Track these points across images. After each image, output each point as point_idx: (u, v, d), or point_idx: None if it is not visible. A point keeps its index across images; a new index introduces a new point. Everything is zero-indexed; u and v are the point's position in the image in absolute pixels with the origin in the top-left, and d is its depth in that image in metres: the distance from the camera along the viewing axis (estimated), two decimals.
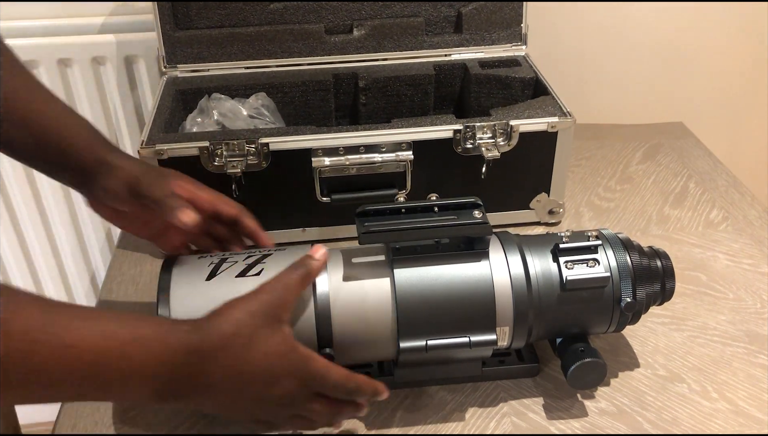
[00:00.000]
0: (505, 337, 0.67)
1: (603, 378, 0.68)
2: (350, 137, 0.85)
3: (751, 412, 0.69)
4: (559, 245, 0.66)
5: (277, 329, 0.55)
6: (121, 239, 0.96)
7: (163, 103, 0.93)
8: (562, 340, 0.69)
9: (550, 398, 0.71)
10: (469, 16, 1.03)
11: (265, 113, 0.96)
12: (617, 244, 0.68)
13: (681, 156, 1.12)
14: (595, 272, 0.65)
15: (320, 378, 0.57)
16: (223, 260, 0.65)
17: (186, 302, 0.62)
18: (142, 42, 1.13)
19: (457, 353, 0.65)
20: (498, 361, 0.73)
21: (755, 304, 0.82)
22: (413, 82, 1.01)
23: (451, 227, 0.64)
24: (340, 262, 0.65)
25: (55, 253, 1.30)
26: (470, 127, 0.86)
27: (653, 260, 0.70)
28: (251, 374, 0.54)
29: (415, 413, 0.70)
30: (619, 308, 0.67)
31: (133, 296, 0.86)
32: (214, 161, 0.84)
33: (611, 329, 0.70)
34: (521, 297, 0.65)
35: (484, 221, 0.64)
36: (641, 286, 0.68)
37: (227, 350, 0.53)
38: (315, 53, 1.03)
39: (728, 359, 0.75)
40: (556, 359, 0.70)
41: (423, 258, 0.65)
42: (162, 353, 0.50)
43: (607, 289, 0.66)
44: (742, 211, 0.99)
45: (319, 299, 0.63)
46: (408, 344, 0.63)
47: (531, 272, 0.66)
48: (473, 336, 0.64)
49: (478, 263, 0.65)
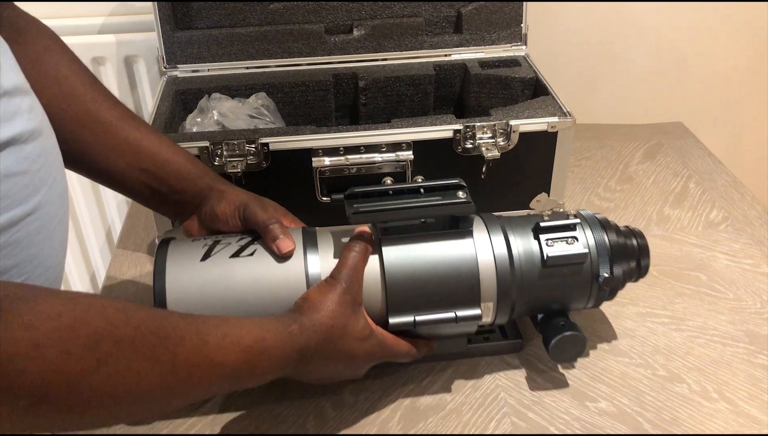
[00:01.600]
0: (490, 312, 0.69)
1: (583, 351, 0.70)
2: (350, 137, 0.85)
3: (751, 412, 0.69)
4: (539, 223, 0.69)
5: (360, 313, 0.64)
6: (121, 239, 0.96)
7: (163, 103, 0.93)
8: (543, 316, 0.72)
9: (550, 397, 0.71)
10: (469, 16, 1.04)
11: (265, 113, 0.96)
12: (595, 223, 0.72)
13: (681, 156, 1.12)
14: (574, 249, 0.68)
15: (392, 353, 0.67)
16: (217, 242, 0.67)
17: (181, 281, 0.64)
18: (142, 42, 1.13)
19: (444, 329, 0.68)
20: (483, 338, 0.76)
21: (755, 304, 0.82)
22: (413, 82, 1.01)
23: (436, 206, 0.67)
24: (331, 241, 0.68)
25: None
26: (470, 127, 0.86)
27: (629, 238, 0.73)
28: (342, 355, 0.62)
29: (415, 413, 0.70)
30: (597, 284, 0.70)
31: (133, 296, 0.86)
32: (214, 161, 0.84)
33: (590, 305, 0.72)
34: (504, 273, 0.68)
35: (468, 201, 0.67)
36: (618, 263, 0.71)
37: (327, 341, 0.61)
38: (315, 53, 1.03)
39: (728, 359, 0.75)
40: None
41: (410, 237, 0.67)
42: (281, 358, 0.58)
43: (586, 265, 0.69)
44: (742, 211, 0.99)
45: (310, 276, 0.65)
46: (397, 319, 0.66)
47: (513, 249, 0.68)
48: (459, 311, 0.67)
49: (463, 241, 0.67)
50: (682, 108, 1.30)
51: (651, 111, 1.29)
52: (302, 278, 0.65)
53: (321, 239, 0.68)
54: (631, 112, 1.28)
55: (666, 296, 0.84)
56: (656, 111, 1.29)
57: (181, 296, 0.64)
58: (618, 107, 1.29)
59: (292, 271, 0.65)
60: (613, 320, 0.80)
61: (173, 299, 0.63)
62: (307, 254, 0.66)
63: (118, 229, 1.27)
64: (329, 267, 0.65)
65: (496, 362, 0.75)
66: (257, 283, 0.64)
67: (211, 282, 0.64)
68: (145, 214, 1.01)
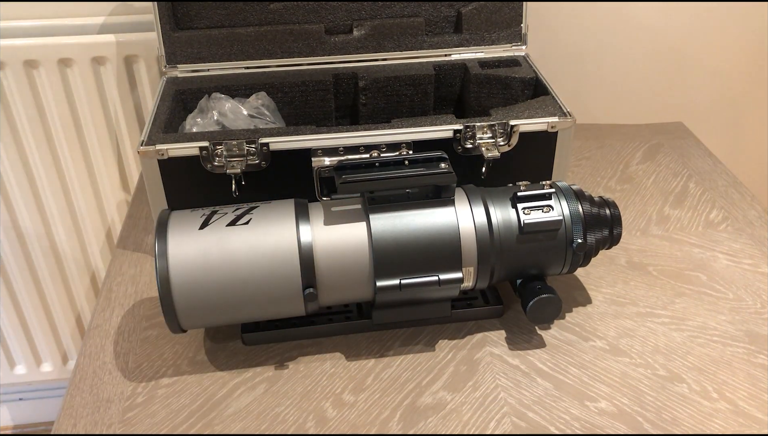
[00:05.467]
0: (471, 277, 0.74)
1: (559, 312, 0.75)
2: (350, 137, 0.85)
3: (751, 412, 0.69)
4: (517, 193, 0.74)
5: None
6: (121, 239, 0.96)
7: (163, 103, 0.93)
8: (521, 281, 0.76)
9: (550, 397, 0.71)
10: (469, 16, 1.03)
11: (266, 113, 0.96)
12: (570, 193, 0.76)
13: (681, 156, 1.12)
14: (549, 217, 0.73)
15: None
16: (214, 212, 0.72)
17: (182, 248, 0.69)
18: (142, 42, 1.13)
19: (428, 292, 0.73)
20: (466, 304, 0.81)
21: (755, 304, 0.82)
22: (413, 82, 1.01)
23: (419, 176, 0.71)
24: (321, 211, 0.73)
25: (55, 253, 1.30)
26: (470, 127, 0.86)
27: (603, 208, 0.78)
28: None
29: (415, 413, 0.70)
30: (571, 249, 0.74)
31: (133, 295, 0.86)
32: (214, 161, 0.84)
33: (565, 270, 0.77)
34: (484, 239, 0.72)
35: (449, 171, 0.72)
36: (591, 231, 0.76)
37: None
38: (315, 53, 1.03)
39: (728, 359, 0.75)
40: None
41: (395, 206, 0.72)
42: None
43: (561, 232, 0.74)
44: (742, 211, 0.99)
45: (302, 242, 0.70)
46: (384, 282, 0.71)
47: (492, 217, 0.73)
48: (442, 275, 0.71)
49: (445, 209, 0.72)
50: (682, 108, 1.30)
51: (651, 111, 1.29)
52: (294, 245, 0.70)
53: (312, 209, 0.73)
54: (631, 112, 1.28)
55: (666, 296, 0.84)
56: (656, 111, 1.29)
57: (182, 262, 0.69)
58: (618, 107, 1.29)
59: (285, 239, 0.70)
60: (613, 319, 0.80)
61: (174, 263, 0.68)
62: (299, 222, 0.71)
63: (118, 229, 1.28)
64: (320, 235, 0.70)
65: (496, 362, 0.75)
66: (252, 249, 0.69)
67: (208, 249, 0.69)
68: (145, 214, 1.01)
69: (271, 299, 0.70)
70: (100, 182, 1.25)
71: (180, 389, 0.73)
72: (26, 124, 1.17)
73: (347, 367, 0.75)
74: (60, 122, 1.18)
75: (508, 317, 0.81)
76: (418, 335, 0.79)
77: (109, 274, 0.90)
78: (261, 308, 0.71)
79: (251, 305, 0.71)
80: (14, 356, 1.42)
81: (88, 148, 1.21)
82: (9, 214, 1.25)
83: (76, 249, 1.30)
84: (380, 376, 0.74)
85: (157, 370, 0.76)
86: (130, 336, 0.80)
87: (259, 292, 0.70)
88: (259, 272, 0.69)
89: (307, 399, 0.72)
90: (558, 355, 0.76)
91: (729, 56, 1.27)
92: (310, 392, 0.72)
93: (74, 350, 1.43)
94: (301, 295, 0.70)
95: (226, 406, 0.71)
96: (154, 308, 0.84)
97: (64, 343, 1.42)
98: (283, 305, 0.71)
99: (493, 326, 0.80)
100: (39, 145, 1.19)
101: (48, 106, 1.16)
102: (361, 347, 0.78)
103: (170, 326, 0.71)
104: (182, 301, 0.69)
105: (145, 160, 0.83)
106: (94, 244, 1.31)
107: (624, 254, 0.91)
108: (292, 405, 0.71)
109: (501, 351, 0.77)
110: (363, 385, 0.73)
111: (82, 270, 1.33)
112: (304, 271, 0.70)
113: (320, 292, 0.71)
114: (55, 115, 1.17)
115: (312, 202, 0.74)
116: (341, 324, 0.79)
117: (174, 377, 0.75)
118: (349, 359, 0.76)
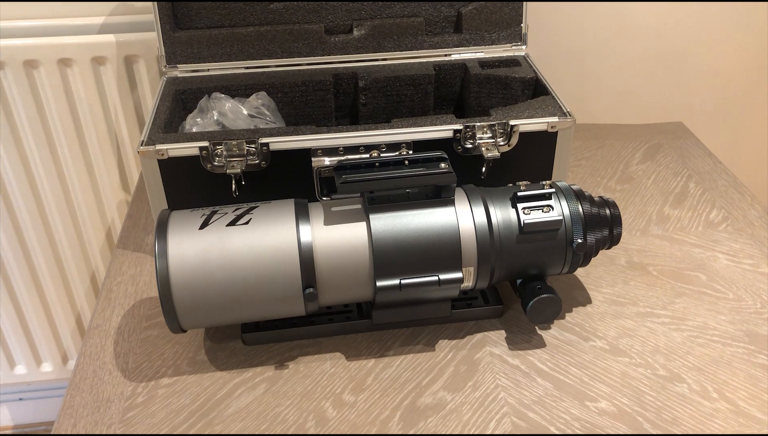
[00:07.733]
0: (471, 277, 0.74)
1: (559, 312, 0.75)
2: (350, 137, 0.85)
3: (751, 412, 0.69)
4: (517, 193, 0.74)
5: None
6: (121, 239, 0.96)
7: (163, 103, 0.93)
8: (521, 281, 0.76)
9: (550, 397, 0.71)
10: (469, 16, 1.03)
11: (266, 113, 0.96)
12: (570, 193, 0.76)
13: (681, 156, 1.12)
14: (549, 217, 0.73)
15: None
16: (214, 212, 0.72)
17: (182, 248, 0.69)
18: (142, 42, 1.13)
19: (428, 292, 0.72)
20: (466, 304, 0.81)
21: (755, 304, 0.82)
22: (413, 82, 1.01)
23: (419, 176, 0.71)
24: (321, 211, 0.73)
25: (55, 253, 1.30)
26: (470, 127, 0.86)
27: (603, 208, 0.78)
28: None
29: (415, 413, 0.70)
30: (571, 249, 0.74)
31: (133, 295, 0.86)
32: (214, 161, 0.84)
33: (565, 270, 0.77)
34: (484, 238, 0.72)
35: (449, 171, 0.72)
36: (591, 230, 0.76)
37: None
38: (315, 53, 1.03)
39: (728, 359, 0.75)
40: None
41: (395, 206, 0.72)
42: None
43: (561, 232, 0.74)
44: (742, 212, 0.99)
45: (302, 242, 0.70)
46: (384, 282, 0.71)
47: (492, 217, 0.73)
48: (442, 275, 0.71)
49: (445, 209, 0.72)
50: (682, 108, 1.30)
51: (651, 111, 1.29)
52: (294, 245, 0.70)
53: (312, 209, 0.73)
54: (631, 112, 1.28)
55: (666, 296, 0.84)
56: (656, 111, 1.29)
57: (182, 261, 0.69)
58: (618, 107, 1.29)
59: (285, 239, 0.70)
60: (613, 319, 0.80)
61: (174, 263, 0.68)
62: (299, 222, 0.71)
63: (118, 229, 1.28)
64: (320, 235, 0.70)
65: (496, 362, 0.75)
66: (252, 249, 0.69)
67: (208, 249, 0.69)
68: (145, 214, 1.01)
69: (271, 299, 0.70)
70: (100, 182, 1.25)
71: (180, 389, 0.73)
72: (26, 124, 1.17)
73: (347, 367, 0.75)
74: (60, 122, 1.18)
75: (508, 317, 0.81)
76: (418, 335, 0.79)
77: (109, 274, 0.90)
78: (261, 308, 0.71)
79: (251, 304, 0.71)
80: (14, 356, 1.42)
81: (88, 148, 1.21)
82: (9, 214, 1.25)
83: (76, 249, 1.30)
84: (380, 376, 0.74)
85: (157, 370, 0.76)
86: (130, 336, 0.80)
87: (259, 292, 0.70)
88: (259, 272, 0.69)
89: (307, 399, 0.72)
90: (558, 355, 0.76)
91: (729, 56, 1.27)
92: (310, 392, 0.72)
93: (74, 350, 1.43)
94: (301, 295, 0.70)
95: (226, 406, 0.71)
96: (154, 308, 0.84)
97: (64, 343, 1.42)
98: (283, 304, 0.71)
99: (493, 326, 0.80)
100: (39, 145, 1.19)
101: (48, 106, 1.16)
102: (361, 347, 0.78)
103: (170, 326, 0.71)
104: (182, 301, 0.69)
105: (145, 160, 0.83)
106: (94, 244, 1.31)
107: (624, 254, 0.91)
108: (292, 405, 0.71)
109: (501, 351, 0.77)
110: (363, 385, 0.73)
111: (82, 270, 1.33)
112: (304, 271, 0.70)
113: (320, 292, 0.71)
114: (55, 115, 1.17)
115: (312, 202, 0.74)
116: (341, 324, 0.79)
117: (174, 377, 0.75)
118: (349, 359, 0.76)
